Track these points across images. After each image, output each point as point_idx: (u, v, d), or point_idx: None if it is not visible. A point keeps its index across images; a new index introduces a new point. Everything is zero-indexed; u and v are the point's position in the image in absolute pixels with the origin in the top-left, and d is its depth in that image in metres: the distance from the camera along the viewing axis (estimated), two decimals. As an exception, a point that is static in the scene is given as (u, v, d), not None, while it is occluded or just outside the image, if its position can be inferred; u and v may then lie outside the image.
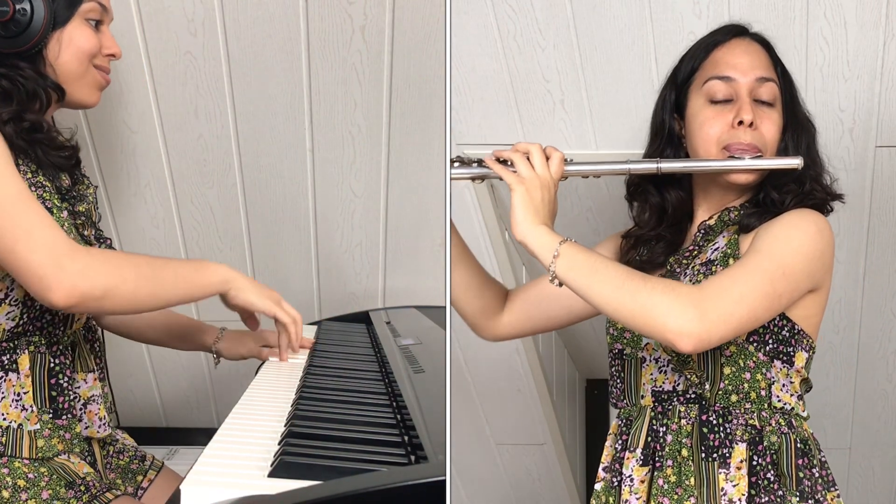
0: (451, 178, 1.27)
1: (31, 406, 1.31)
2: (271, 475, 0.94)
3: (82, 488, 1.31)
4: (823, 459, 1.27)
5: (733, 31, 1.34)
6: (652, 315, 1.11)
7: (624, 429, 1.31)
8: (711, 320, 1.11)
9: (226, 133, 1.99)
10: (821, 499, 1.22)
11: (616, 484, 1.28)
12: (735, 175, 1.27)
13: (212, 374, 2.28)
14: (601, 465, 1.33)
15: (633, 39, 1.77)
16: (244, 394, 1.32)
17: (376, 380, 1.43)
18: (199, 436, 2.32)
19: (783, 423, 1.24)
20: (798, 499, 1.20)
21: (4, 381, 1.31)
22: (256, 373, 1.51)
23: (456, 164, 1.28)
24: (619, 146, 1.85)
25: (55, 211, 1.32)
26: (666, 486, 1.22)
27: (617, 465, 1.29)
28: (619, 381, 1.34)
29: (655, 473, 1.23)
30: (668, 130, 1.35)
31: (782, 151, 1.30)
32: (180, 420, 2.38)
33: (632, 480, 1.24)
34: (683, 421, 1.24)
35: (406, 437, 1.08)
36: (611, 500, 1.28)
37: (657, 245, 1.37)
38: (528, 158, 1.23)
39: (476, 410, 2.27)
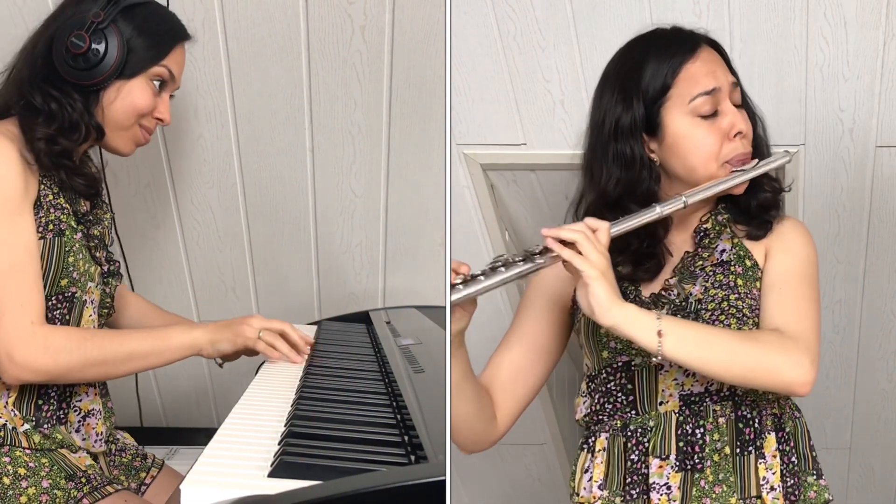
0: (511, 279, 1.20)
1: (13, 410, 1.35)
2: (271, 475, 0.94)
3: (83, 480, 1.33)
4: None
5: (692, 43, 1.32)
6: (773, 374, 1.19)
7: (640, 438, 1.28)
8: (816, 362, 1.21)
9: (226, 133, 1.99)
10: (824, 475, 1.30)
11: (635, 497, 1.26)
12: (739, 187, 1.31)
13: (212, 374, 2.28)
14: (595, 483, 1.30)
15: (633, 39, 1.77)
16: (244, 394, 1.32)
17: (376, 380, 1.43)
18: (199, 436, 2.31)
19: (794, 408, 1.33)
20: (815, 477, 1.28)
21: (1, 383, 1.35)
22: (256, 373, 1.51)
23: (501, 268, 1.20)
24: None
25: (69, 233, 1.37)
26: (706, 487, 1.23)
27: (634, 478, 1.27)
28: (621, 394, 1.31)
29: (696, 476, 1.24)
30: (640, 158, 1.31)
31: (756, 147, 1.34)
32: (180, 420, 2.38)
33: (669, 489, 1.24)
34: (721, 420, 1.26)
35: (406, 437, 1.08)
36: None
37: (648, 264, 1.34)
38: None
39: (476, 410, 2.27)
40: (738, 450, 1.25)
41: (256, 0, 1.85)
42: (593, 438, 1.34)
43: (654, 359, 1.18)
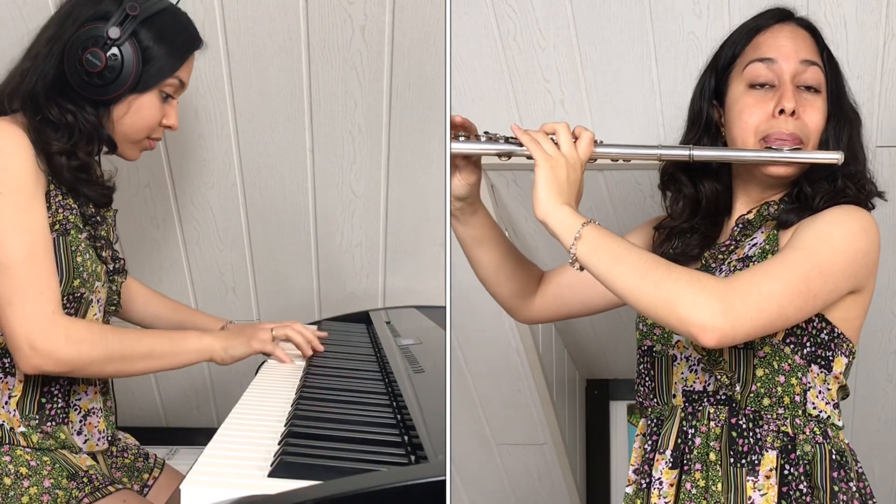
0: (477, 153, 1.26)
1: (14, 410, 1.34)
2: (271, 475, 0.94)
3: (85, 480, 1.33)
4: (861, 471, 1.23)
5: (777, 16, 1.27)
6: (675, 307, 1.06)
7: (654, 429, 1.25)
8: (737, 315, 1.06)
9: (226, 133, 1.99)
10: None
11: (645, 486, 1.23)
12: (772, 168, 1.21)
13: (212, 374, 2.28)
14: (631, 468, 1.27)
15: (633, 39, 1.77)
16: (244, 394, 1.32)
17: (376, 380, 1.43)
18: (199, 436, 2.31)
19: (818, 433, 1.18)
20: None
21: (2, 382, 1.35)
22: (256, 373, 1.51)
23: (483, 138, 1.25)
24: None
25: (74, 233, 1.36)
26: (694, 491, 1.17)
27: (646, 467, 1.24)
28: (647, 379, 1.28)
29: (684, 477, 1.18)
30: (706, 119, 1.28)
31: (824, 143, 1.23)
32: (180, 420, 2.39)
33: (661, 483, 1.19)
34: (713, 423, 1.19)
35: (406, 437, 1.08)
36: (638, 502, 1.23)
37: (691, 237, 1.30)
38: (552, 139, 1.18)
39: (476, 410, 2.27)
40: (731, 460, 1.16)
41: (256, 0, 1.85)
42: (640, 422, 1.31)
43: (570, 264, 1.13)
